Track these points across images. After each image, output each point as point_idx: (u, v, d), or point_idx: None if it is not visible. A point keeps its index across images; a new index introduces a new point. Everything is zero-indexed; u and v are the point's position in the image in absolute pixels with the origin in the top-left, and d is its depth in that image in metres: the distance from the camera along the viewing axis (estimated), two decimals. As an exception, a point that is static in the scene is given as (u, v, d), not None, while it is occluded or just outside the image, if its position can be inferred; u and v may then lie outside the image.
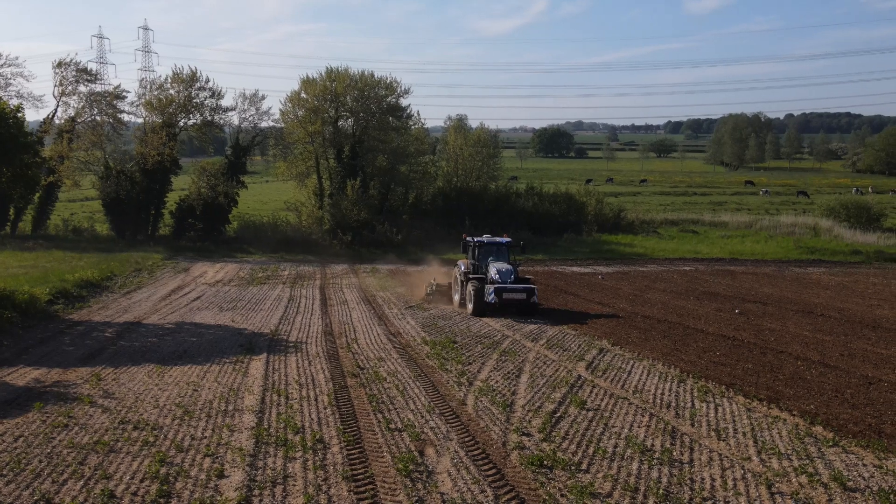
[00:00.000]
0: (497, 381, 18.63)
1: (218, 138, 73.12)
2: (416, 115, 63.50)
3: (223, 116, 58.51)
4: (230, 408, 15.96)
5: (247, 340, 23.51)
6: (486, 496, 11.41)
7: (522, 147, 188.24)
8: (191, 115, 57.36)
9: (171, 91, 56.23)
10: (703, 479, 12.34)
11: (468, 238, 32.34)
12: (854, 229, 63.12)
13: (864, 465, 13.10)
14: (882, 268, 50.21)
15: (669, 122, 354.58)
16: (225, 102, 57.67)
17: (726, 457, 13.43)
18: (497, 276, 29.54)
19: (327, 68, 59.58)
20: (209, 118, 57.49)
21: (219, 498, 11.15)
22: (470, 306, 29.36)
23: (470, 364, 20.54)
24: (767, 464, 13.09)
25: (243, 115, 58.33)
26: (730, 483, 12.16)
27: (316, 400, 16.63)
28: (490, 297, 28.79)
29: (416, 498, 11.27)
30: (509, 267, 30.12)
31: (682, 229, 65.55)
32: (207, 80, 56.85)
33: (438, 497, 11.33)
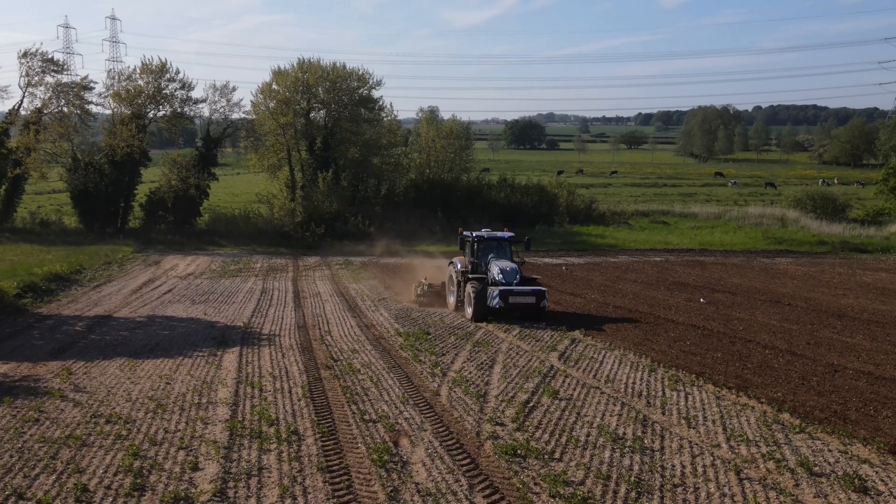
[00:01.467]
0: (470, 372, 18.76)
1: (188, 130, 72.44)
2: (388, 106, 63.33)
3: (193, 108, 58.03)
4: (204, 400, 15.92)
5: (219, 333, 23.41)
6: (461, 485, 11.52)
7: (494, 139, 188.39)
8: (160, 107, 56.80)
9: (140, 82, 55.62)
10: (673, 466, 12.56)
11: (465, 233, 29.10)
12: (820, 220, 64.12)
13: (830, 450, 13.40)
14: (847, 258, 51.11)
15: (640, 113, 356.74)
16: (195, 94, 56.83)
17: (696, 444, 13.66)
18: (500, 276, 26.33)
19: (299, 59, 59.33)
20: (179, 110, 56.95)
21: (193, 490, 11.14)
22: (469, 310, 26.32)
23: (443, 355, 20.64)
24: (736, 450, 13.33)
25: (214, 107, 57.87)
26: (699, 470, 12.38)
27: (290, 392, 16.64)
28: (494, 302, 25.61)
29: (391, 488, 11.35)
30: (514, 265, 26.90)
31: (653, 220, 66.14)
32: (177, 72, 56.37)
33: (413, 487, 11.42)
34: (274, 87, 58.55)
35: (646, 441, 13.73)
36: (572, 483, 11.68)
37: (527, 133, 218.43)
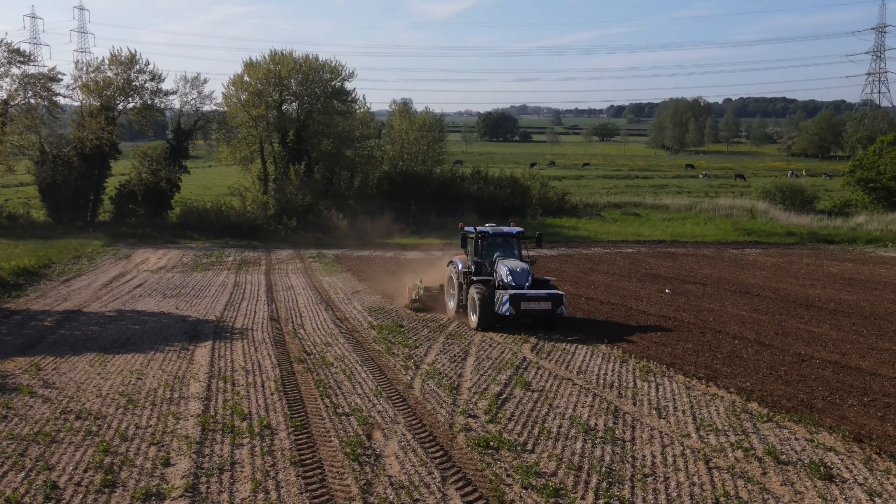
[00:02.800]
0: (443, 365, 18.82)
1: (158, 122, 71.62)
2: (361, 99, 63.08)
3: (164, 100, 57.39)
4: (175, 395, 15.83)
5: (191, 327, 23.26)
6: (434, 478, 11.59)
7: (468, 131, 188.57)
8: (130, 99, 56.05)
9: (110, 73, 54.85)
10: (644, 456, 12.72)
11: (467, 228, 25.93)
12: (788, 211, 64.91)
13: (797, 438, 13.64)
14: (815, 248, 51.83)
15: (612, 106, 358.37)
16: (166, 85, 56.32)
17: (666, 434, 13.84)
18: (510, 277, 23.42)
19: (271, 51, 58.99)
20: (149, 102, 56.27)
21: (165, 486, 11.10)
22: (473, 318, 23.48)
23: (416, 348, 20.69)
24: (705, 440, 13.53)
25: (185, 99, 57.28)
26: (670, 459, 12.56)
27: (263, 386, 16.60)
28: (504, 308, 22.57)
29: (365, 481, 11.39)
30: (525, 266, 23.97)
31: (625, 212, 66.61)
32: (147, 63, 55.65)
33: (386, 480, 11.47)
34: (246, 78, 58.07)
35: (617, 432, 13.89)
36: (544, 474, 11.79)
37: (500, 125, 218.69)
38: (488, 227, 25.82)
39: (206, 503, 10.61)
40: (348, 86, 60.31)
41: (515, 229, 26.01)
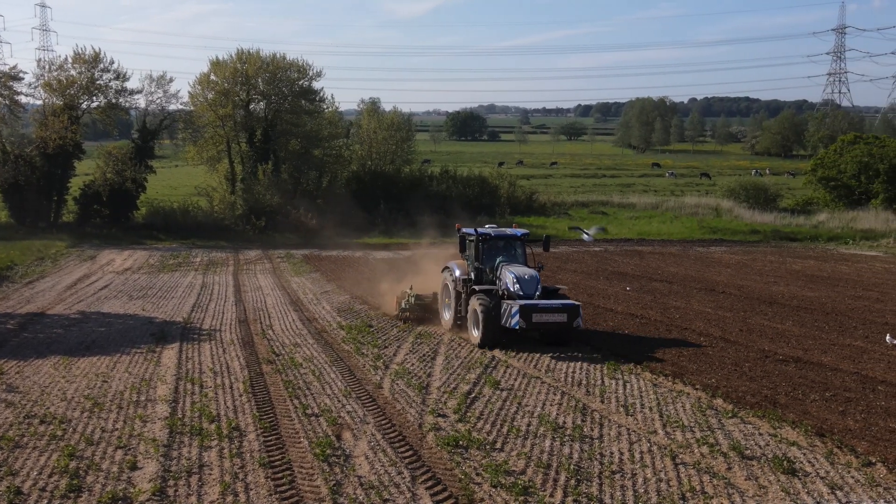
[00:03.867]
0: (413, 364, 18.86)
1: (123, 121, 70.66)
2: (329, 98, 62.85)
3: (129, 99, 56.68)
4: (142, 398, 15.68)
5: (158, 329, 23.03)
6: (404, 478, 11.62)
7: (436, 130, 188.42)
8: (94, 98, 55.28)
9: (73, 72, 54.03)
10: (612, 453, 12.86)
11: (466, 230, 23.45)
12: (753, 209, 65.86)
13: (761, 434, 13.87)
14: (778, 246, 52.65)
15: (580, 105, 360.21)
16: (131, 84, 55.61)
17: (634, 431, 14.01)
18: (517, 286, 21.01)
19: (238, 50, 58.41)
20: (114, 101, 55.54)
21: (132, 490, 11.01)
22: (475, 333, 20.98)
23: (386, 348, 20.69)
24: (672, 436, 13.72)
25: (150, 98, 56.62)
26: (637, 456, 12.71)
27: (231, 388, 16.51)
28: (513, 321, 20.12)
29: (334, 482, 11.39)
30: (533, 273, 21.68)
31: (593, 211, 67.12)
32: (112, 62, 54.89)
33: (356, 480, 11.48)
34: (212, 77, 57.54)
35: (585, 429, 14.02)
36: (514, 472, 11.88)
37: (468, 124, 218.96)
38: (489, 229, 23.38)
39: (175, 507, 10.53)
40: (316, 85, 60.11)
41: (520, 231, 23.60)
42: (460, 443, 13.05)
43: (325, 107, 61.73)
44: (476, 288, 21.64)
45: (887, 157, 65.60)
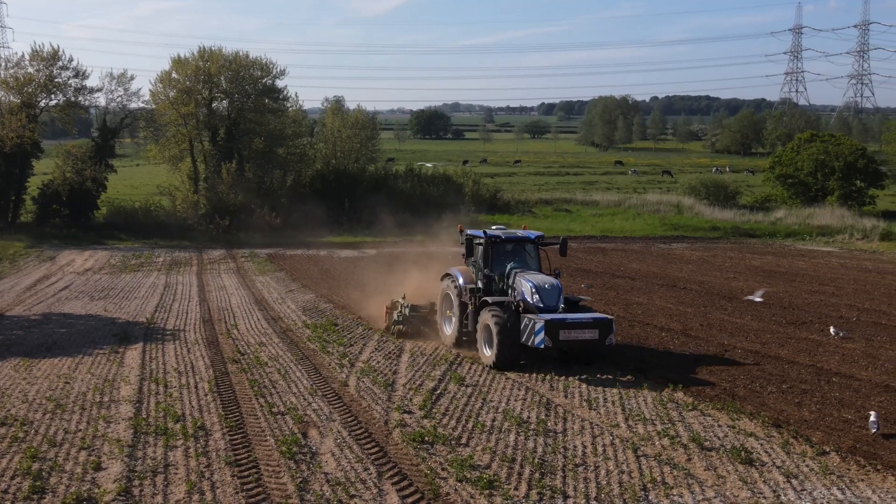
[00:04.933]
0: (378, 362, 18.95)
1: (83, 120, 69.55)
2: (293, 96, 62.52)
3: (89, 97, 55.86)
4: (106, 399, 15.57)
5: (121, 330, 22.82)
6: (370, 474, 11.73)
7: (400, 129, 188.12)
8: (53, 96, 54.41)
9: (31, 69, 53.11)
10: (575, 446, 13.09)
11: (472, 232, 21.06)
12: (713, 206, 66.82)
13: (720, 425, 14.20)
14: (738, 242, 53.55)
15: (543, 103, 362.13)
16: (90, 82, 54.73)
17: (597, 425, 14.26)
18: (537, 297, 18.53)
19: (200, 48, 57.76)
20: (73, 99, 54.70)
21: (97, 490, 10.97)
22: (488, 352, 18.44)
23: (351, 346, 20.75)
24: (634, 429, 13.99)
25: (111, 96, 55.85)
26: (599, 449, 12.96)
27: (196, 387, 16.46)
28: (538, 339, 17.57)
29: (301, 479, 11.45)
30: (554, 281, 19.18)
31: (556, 208, 67.62)
32: (71, 59, 54.04)
33: (323, 477, 11.56)
34: (174, 75, 56.90)
35: (549, 424, 14.25)
36: (479, 467, 12.05)
37: (432, 123, 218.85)
38: (499, 231, 20.91)
39: (141, 506, 10.52)
40: (280, 83, 59.74)
41: (533, 233, 21.04)
42: (426, 439, 13.19)
43: (288, 105, 61.45)
44: (489, 300, 18.96)
45: (842, 154, 67.03)
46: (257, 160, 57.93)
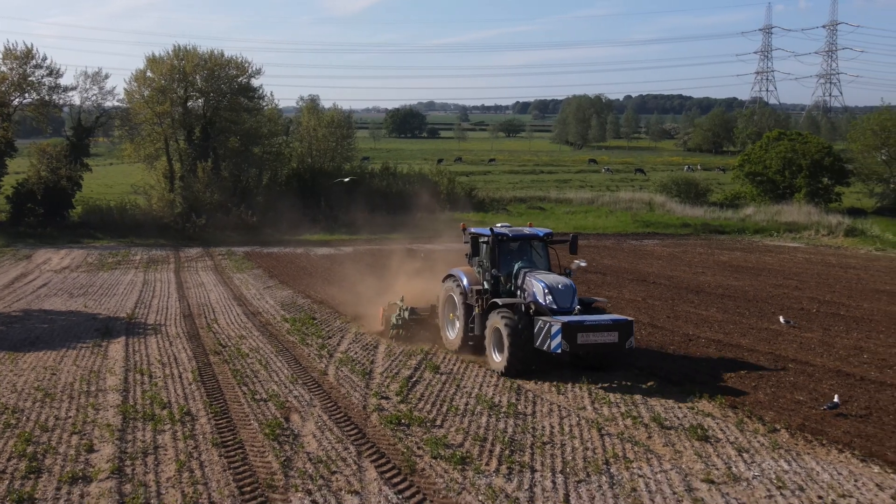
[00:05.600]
0: (356, 353, 19.61)
1: (55, 118, 69.28)
2: (268, 95, 62.79)
3: (63, 96, 55.82)
4: (93, 388, 16.11)
5: (102, 325, 23.26)
6: (350, 452, 12.42)
7: (375, 127, 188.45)
8: (26, 94, 54.30)
9: (4, 68, 52.99)
10: (543, 427, 13.87)
11: (475, 230, 20.38)
12: (684, 204, 67.91)
13: (679, 407, 15.05)
14: (707, 238, 54.72)
15: (518, 102, 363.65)
16: (65, 81, 54.72)
17: (564, 407, 15.04)
18: (550, 298, 17.63)
19: (174, 46, 57.89)
20: (47, 98, 54.64)
21: (91, 470, 11.56)
22: (497, 357, 17.59)
23: (330, 338, 21.38)
24: (599, 411, 14.79)
25: (85, 95, 55.86)
26: (566, 428, 13.74)
27: (180, 377, 17.03)
28: (554, 343, 16.66)
29: (284, 458, 12.12)
30: (567, 281, 18.25)
31: (530, 206, 68.48)
32: (45, 58, 53.97)
33: (305, 456, 12.23)
34: (149, 74, 56.99)
35: (519, 407, 15.02)
36: (452, 445, 12.79)
37: (407, 122, 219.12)
38: (505, 228, 19.91)
39: (133, 483, 11.14)
40: (255, 82, 59.98)
41: (542, 230, 20.19)
42: (402, 421, 13.91)
43: (264, 104, 61.73)
44: (499, 302, 18.05)
45: (809, 153, 68.47)
46: (233, 159, 58.17)
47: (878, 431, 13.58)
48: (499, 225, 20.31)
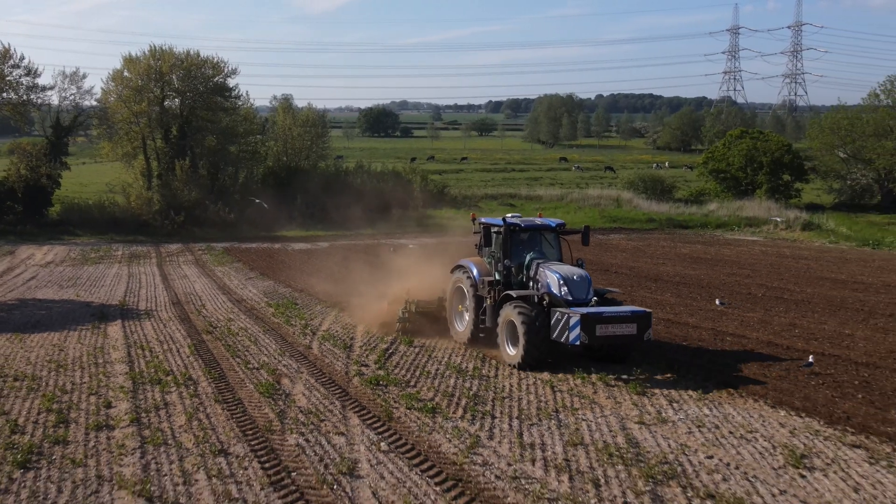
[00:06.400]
0: (337, 331, 21.45)
1: (29, 118, 70.00)
2: (244, 95, 64.18)
3: (41, 95, 56.86)
4: (100, 360, 17.82)
5: (97, 311, 24.82)
6: (335, 406, 14.31)
7: (349, 126, 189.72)
8: (4, 94, 55.24)
9: (-20, 67, 53.91)
10: (504, 386, 15.87)
11: (486, 220, 20.11)
12: (650, 200, 70.28)
13: (625, 372, 17.06)
14: (671, 233, 57.03)
15: (491, 101, 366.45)
16: (42, 80, 55.64)
17: (523, 372, 16.99)
18: (565, 289, 17.49)
19: (151, 46, 59.10)
20: (25, 97, 55.61)
21: (112, 420, 13.36)
22: (511, 350, 17.47)
23: (312, 319, 23.18)
24: (554, 374, 16.77)
25: (63, 95, 56.94)
26: (524, 386, 15.75)
27: (178, 351, 18.78)
28: (573, 335, 16.47)
29: (279, 410, 13.98)
30: (583, 272, 18.27)
31: (501, 203, 70.44)
32: (22, 58, 55.00)
33: (297, 409, 14.09)
34: (126, 74, 58.15)
35: (484, 371, 17.01)
36: (424, 400, 14.75)
37: (381, 121, 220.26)
38: (516, 218, 19.78)
39: (151, 429, 12.95)
40: (231, 82, 61.32)
41: (553, 221, 20.19)
42: (381, 382, 15.85)
43: (240, 103, 63.06)
44: (513, 294, 17.87)
45: (769, 150, 71.12)
46: (210, 157, 59.43)
47: (791, 387, 15.71)
48: (509, 215, 19.90)
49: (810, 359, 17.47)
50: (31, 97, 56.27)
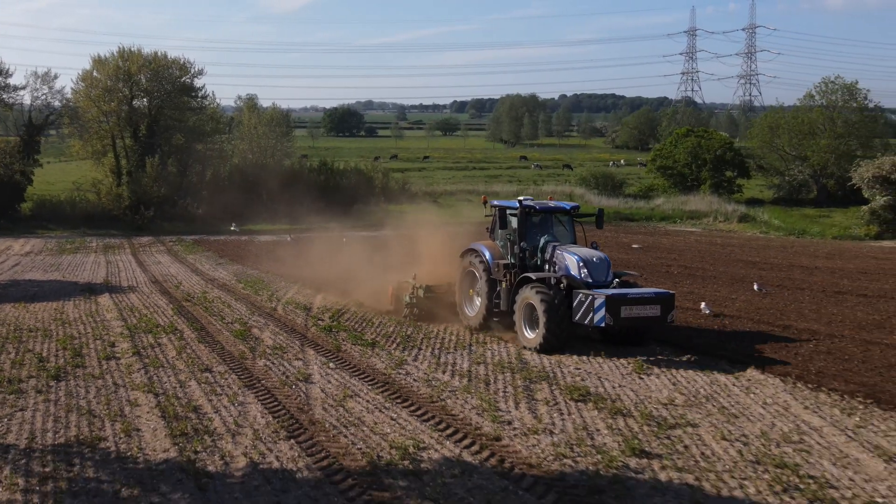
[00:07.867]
0: (299, 299, 24.90)
1: (4, 116, 71.92)
2: (210, 95, 66.76)
3: (12, 95, 59.06)
4: (98, 319, 21.13)
5: (85, 287, 27.83)
6: (296, 344, 17.94)
7: (314, 126, 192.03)
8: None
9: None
10: (435, 332, 19.55)
11: (500, 203, 20.06)
12: (601, 195, 74.09)
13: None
14: (617, 225, 60.94)
15: (455, 101, 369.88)
16: (14, 80, 57.76)
17: (457, 329, 20.49)
18: (584, 271, 17.41)
19: (119, 48, 61.30)
20: (-4, 97, 57.75)
21: (118, 353, 16.77)
22: (530, 334, 17.37)
23: (277, 291, 26.56)
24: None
25: (36, 94, 59.18)
26: (449, 333, 19.45)
27: (163, 313, 22.16)
28: (598, 317, 16.36)
29: (251, 346, 17.54)
30: (602, 255, 18.11)
31: (459, 199, 74.00)
32: (-7, 59, 57.04)
33: (265, 346, 17.68)
34: (95, 74, 60.39)
35: (419, 324, 20.53)
36: (367, 339, 18.42)
37: (346, 121, 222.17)
38: (531, 200, 19.50)
39: (150, 358, 16.38)
40: (198, 82, 63.82)
41: (569, 204, 20.09)
42: (333, 329, 19.51)
43: (206, 103, 65.61)
44: (532, 276, 17.65)
45: (712, 148, 75.40)
46: (178, 155, 61.93)
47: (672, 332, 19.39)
48: (522, 198, 19.58)
49: (703, 305, 21.93)
50: (3, 97, 58.36)
